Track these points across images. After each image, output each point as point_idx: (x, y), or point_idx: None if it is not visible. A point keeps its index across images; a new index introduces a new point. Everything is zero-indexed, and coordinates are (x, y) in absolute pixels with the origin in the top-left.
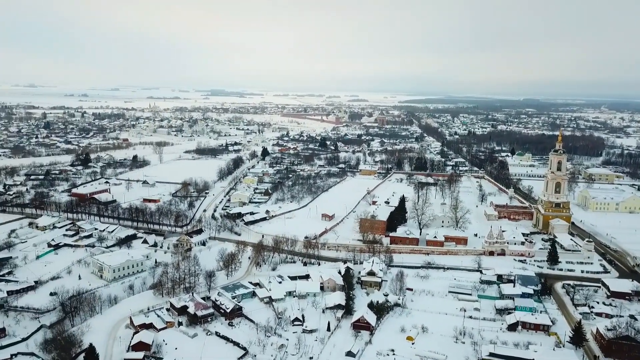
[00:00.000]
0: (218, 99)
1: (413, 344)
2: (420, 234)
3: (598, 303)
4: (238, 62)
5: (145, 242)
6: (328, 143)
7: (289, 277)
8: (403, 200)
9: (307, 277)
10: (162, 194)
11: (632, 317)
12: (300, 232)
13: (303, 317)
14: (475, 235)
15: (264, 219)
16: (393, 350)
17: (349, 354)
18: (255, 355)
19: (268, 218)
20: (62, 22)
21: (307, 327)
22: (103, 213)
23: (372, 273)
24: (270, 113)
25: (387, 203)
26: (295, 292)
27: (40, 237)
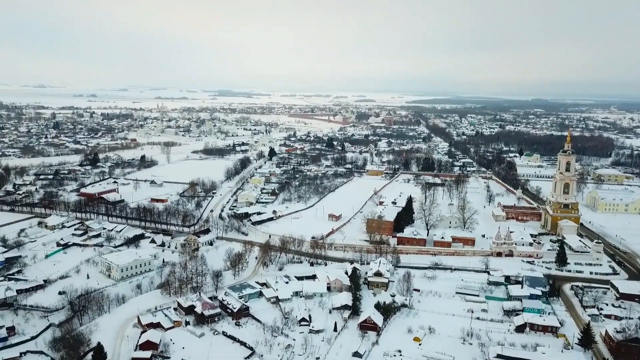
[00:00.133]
0: (225, 99)
1: (420, 345)
2: (428, 235)
3: (607, 305)
4: (246, 62)
5: (153, 241)
6: (335, 143)
7: (296, 277)
8: (410, 201)
9: (314, 277)
10: (169, 194)
11: None
12: (307, 232)
13: (310, 317)
14: (483, 236)
15: (271, 219)
16: (400, 351)
17: (356, 355)
18: (262, 355)
19: (275, 218)
20: (72, 23)
21: (313, 327)
22: (111, 213)
23: (379, 274)
24: (278, 113)
25: (394, 203)
26: (302, 292)
27: (49, 236)
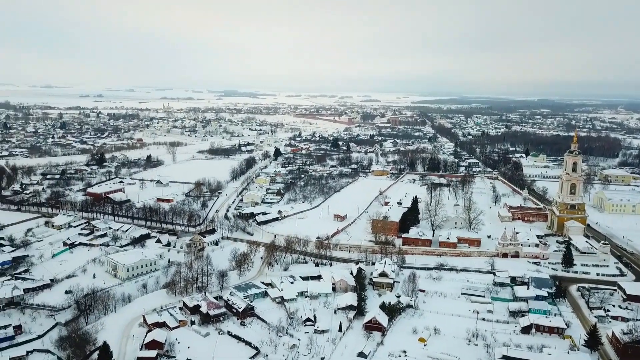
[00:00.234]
0: (231, 100)
1: (425, 346)
2: (433, 235)
3: (614, 306)
4: (249, 63)
5: (159, 241)
6: (340, 143)
7: (301, 277)
8: (416, 201)
9: (319, 277)
10: (175, 194)
11: None
12: (312, 232)
13: (315, 317)
14: (489, 237)
15: (276, 219)
16: (405, 352)
17: (361, 355)
18: (267, 355)
19: (280, 218)
20: (80, 25)
21: (318, 327)
22: (117, 212)
23: (384, 274)
24: (283, 113)
25: (399, 204)
26: (307, 292)
27: (56, 235)
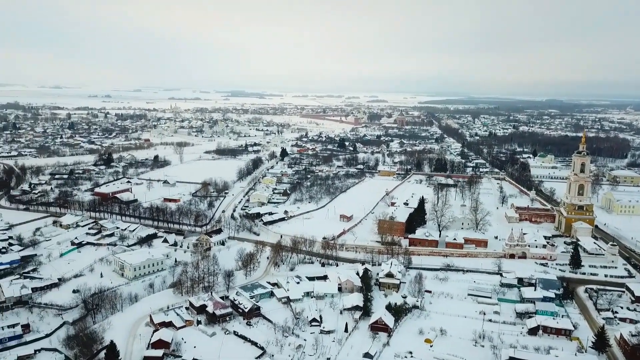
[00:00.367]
0: (238, 100)
1: (431, 347)
2: (440, 236)
3: (622, 308)
4: (256, 63)
5: (166, 241)
6: (347, 144)
7: (307, 277)
8: (422, 202)
9: (325, 277)
10: (182, 194)
11: None
12: (319, 232)
13: (321, 317)
14: (496, 238)
15: (283, 220)
16: (411, 353)
17: (367, 356)
18: (273, 355)
19: (286, 218)
20: (88, 26)
21: (324, 327)
22: (125, 212)
23: (390, 275)
24: (290, 114)
25: (406, 204)
26: (313, 292)
27: (64, 235)
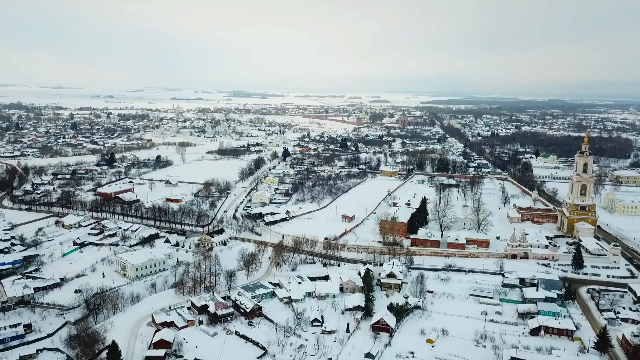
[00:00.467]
0: (240, 100)
1: (433, 347)
2: (442, 236)
3: (624, 308)
4: (257, 63)
5: (168, 241)
6: (349, 144)
7: (309, 277)
8: (424, 202)
9: (326, 278)
10: (184, 194)
11: None
12: (320, 233)
13: (322, 317)
14: (498, 238)
15: (284, 220)
16: (412, 353)
17: (368, 356)
18: (275, 355)
19: (288, 219)
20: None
21: (326, 328)
22: (127, 212)
23: (392, 275)
24: (292, 114)
25: (408, 205)
26: (315, 292)
27: (66, 235)
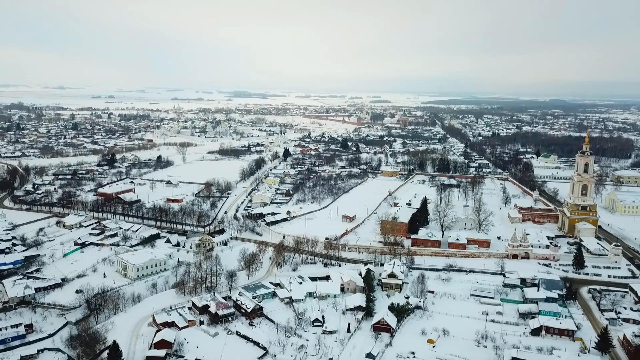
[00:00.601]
0: (241, 101)
1: (434, 347)
2: (443, 236)
3: (625, 309)
4: (258, 63)
5: (169, 241)
6: (349, 144)
7: (310, 277)
8: (425, 202)
9: (327, 278)
10: (185, 194)
11: None
12: (321, 233)
13: (323, 318)
14: (499, 238)
15: (285, 220)
16: (413, 353)
17: (369, 356)
18: (275, 355)
19: (289, 219)
20: (91, 26)
21: (327, 328)
22: (128, 212)
23: (393, 275)
24: (293, 114)
25: (408, 205)
26: (316, 293)
27: (67, 235)
